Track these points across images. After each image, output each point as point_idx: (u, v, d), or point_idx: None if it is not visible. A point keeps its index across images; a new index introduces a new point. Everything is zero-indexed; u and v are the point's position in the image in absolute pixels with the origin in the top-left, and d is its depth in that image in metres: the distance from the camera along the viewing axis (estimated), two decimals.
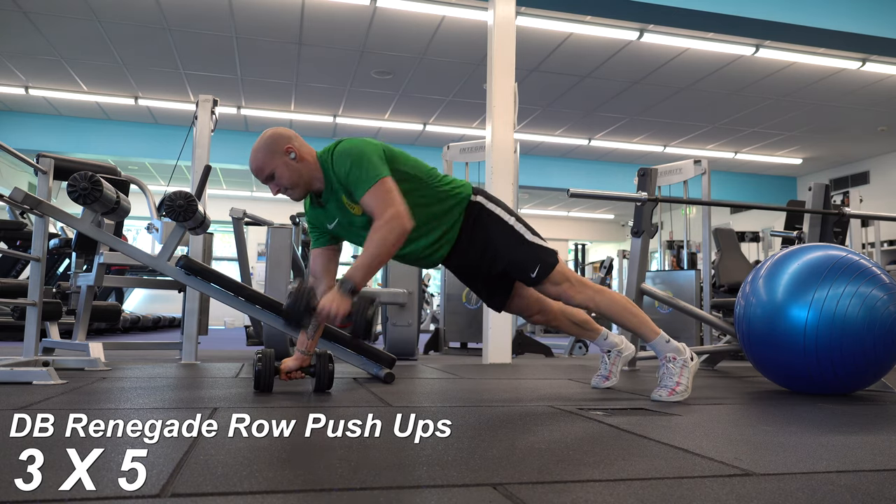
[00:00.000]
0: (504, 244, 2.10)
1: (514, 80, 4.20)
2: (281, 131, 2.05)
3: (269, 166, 1.99)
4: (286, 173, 1.99)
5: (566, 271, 2.12)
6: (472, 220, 2.11)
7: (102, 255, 3.28)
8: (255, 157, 2.01)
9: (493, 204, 2.15)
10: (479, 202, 2.13)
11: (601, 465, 1.12)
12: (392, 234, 1.87)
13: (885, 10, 5.33)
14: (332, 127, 9.48)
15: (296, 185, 2.01)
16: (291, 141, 2.02)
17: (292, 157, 1.99)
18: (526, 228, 2.13)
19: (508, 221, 2.12)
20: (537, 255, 2.09)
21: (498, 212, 2.13)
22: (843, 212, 3.36)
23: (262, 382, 1.99)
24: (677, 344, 2.12)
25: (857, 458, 1.25)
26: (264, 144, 2.01)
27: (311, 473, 1.03)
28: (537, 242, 2.11)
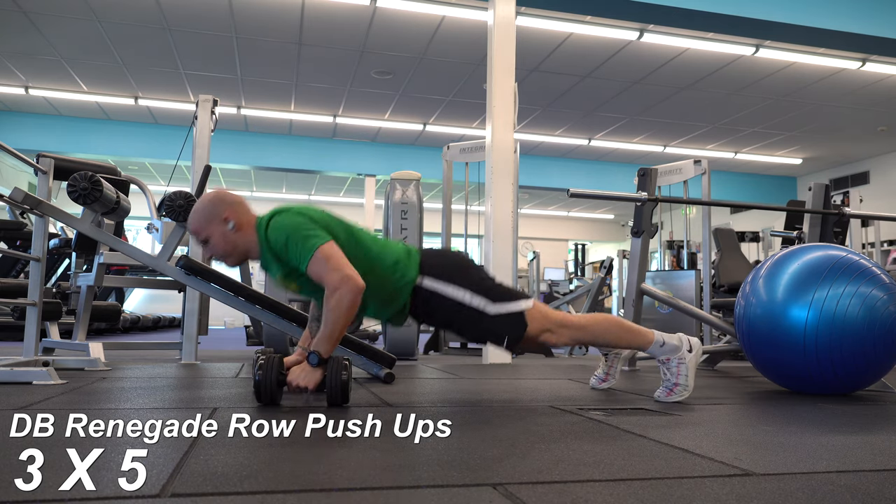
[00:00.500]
0: (463, 325, 1.96)
1: (514, 80, 4.20)
2: (223, 197, 1.94)
3: (204, 232, 1.91)
4: (220, 242, 1.91)
5: (542, 322, 1.95)
6: (421, 304, 1.96)
7: (102, 255, 3.28)
8: (192, 219, 1.93)
9: (443, 282, 1.93)
10: (425, 287, 1.94)
11: (601, 465, 1.12)
12: (344, 302, 1.76)
13: (885, 10, 5.33)
14: (332, 127, 9.49)
15: (229, 254, 1.93)
16: (233, 208, 1.91)
17: (230, 226, 1.89)
18: (485, 296, 1.91)
19: (463, 300, 1.91)
20: (501, 327, 1.92)
21: (448, 291, 1.92)
22: (843, 212, 3.35)
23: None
24: (672, 342, 2.06)
25: (857, 458, 1.25)
26: (203, 208, 1.92)
27: (311, 473, 1.03)
28: (501, 312, 1.91)
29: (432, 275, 1.95)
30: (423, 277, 1.94)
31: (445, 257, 2.05)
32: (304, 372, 1.77)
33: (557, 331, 1.97)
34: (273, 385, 1.76)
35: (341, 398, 1.75)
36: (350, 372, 1.78)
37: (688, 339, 2.08)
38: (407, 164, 9.37)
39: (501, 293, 1.95)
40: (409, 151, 10.40)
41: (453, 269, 1.98)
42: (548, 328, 1.96)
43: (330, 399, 1.76)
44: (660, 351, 2.06)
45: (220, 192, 1.97)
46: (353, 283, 1.78)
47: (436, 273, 1.95)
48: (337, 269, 1.78)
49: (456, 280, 1.94)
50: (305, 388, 1.76)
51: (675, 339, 2.07)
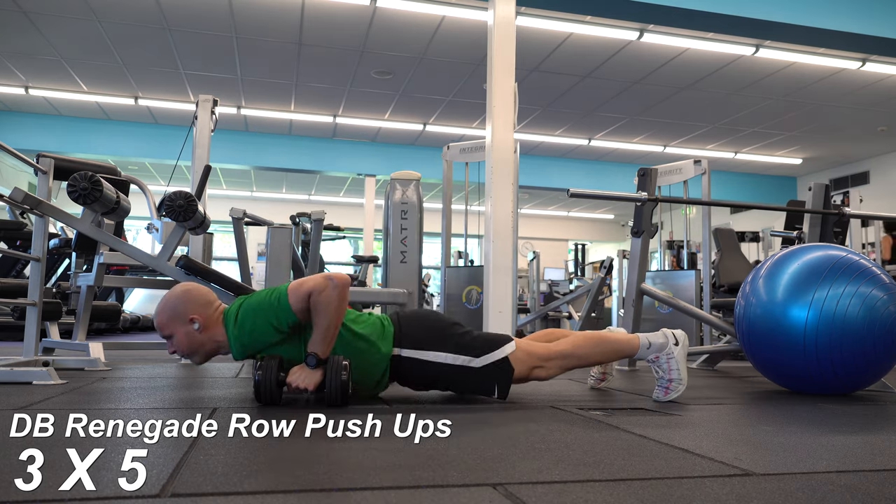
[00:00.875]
0: (451, 383, 1.97)
1: (514, 80, 4.20)
2: (193, 295, 1.90)
3: (168, 328, 1.88)
4: (184, 341, 1.87)
5: (528, 362, 1.95)
6: (405, 372, 1.95)
7: (102, 255, 3.28)
8: (159, 313, 1.89)
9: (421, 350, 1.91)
10: (404, 357, 1.92)
11: (601, 465, 1.12)
12: (332, 297, 1.76)
13: (885, 10, 5.33)
14: (332, 127, 9.49)
15: (193, 353, 1.89)
16: (202, 310, 1.87)
17: (195, 326, 1.86)
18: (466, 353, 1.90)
19: (446, 361, 1.90)
20: (488, 379, 1.92)
21: (432, 357, 1.91)
22: (843, 212, 3.36)
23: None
24: (657, 340, 2.05)
25: (857, 458, 1.25)
26: (170, 306, 1.88)
27: (311, 473, 1.03)
28: (485, 364, 1.91)
29: (409, 345, 1.92)
30: (399, 349, 1.92)
31: (419, 322, 1.99)
32: (304, 373, 1.77)
33: (545, 364, 1.98)
34: (273, 385, 1.76)
35: (340, 399, 1.75)
36: (350, 373, 1.78)
37: (672, 333, 2.07)
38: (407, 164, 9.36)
39: (482, 344, 1.94)
40: (409, 151, 10.40)
41: (429, 333, 1.95)
42: (535, 365, 1.97)
43: (329, 400, 1.76)
44: (647, 353, 2.05)
45: (189, 291, 1.92)
46: (337, 278, 1.79)
47: (412, 342, 1.93)
48: (314, 277, 1.80)
49: (434, 345, 1.92)
50: (305, 389, 1.76)
51: (660, 335, 2.06)
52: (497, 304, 3.90)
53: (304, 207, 12.45)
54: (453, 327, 1.99)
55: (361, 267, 8.08)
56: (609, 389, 2.37)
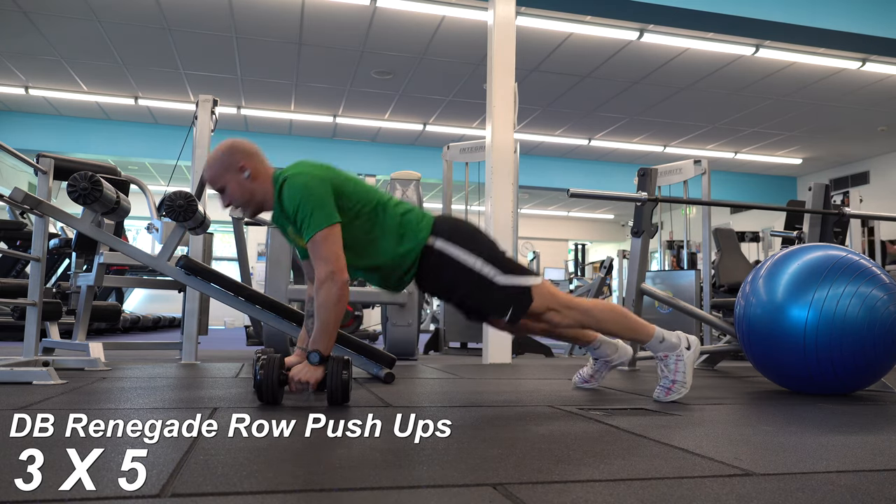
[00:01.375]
0: (469, 294, 1.94)
1: (514, 80, 4.20)
2: (239, 146, 1.94)
3: (220, 181, 1.91)
4: (237, 191, 1.91)
5: (548, 300, 1.95)
6: (429, 267, 1.94)
7: (102, 255, 3.28)
8: (209, 168, 1.93)
9: (455, 245, 1.91)
10: (437, 249, 1.92)
11: (601, 465, 1.12)
12: (331, 297, 1.77)
13: (885, 10, 5.33)
14: (332, 127, 9.49)
15: (246, 204, 1.93)
16: (249, 158, 1.91)
17: (246, 175, 1.90)
18: (495, 267, 1.90)
19: (474, 267, 1.89)
20: (507, 299, 1.91)
21: (460, 256, 1.90)
22: (843, 212, 3.36)
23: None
24: (671, 339, 2.06)
25: (857, 458, 1.25)
26: (220, 157, 1.91)
27: (311, 473, 1.03)
28: (509, 284, 1.91)
29: (445, 237, 1.93)
30: (435, 238, 1.93)
31: (459, 223, 2.03)
32: (306, 369, 1.78)
33: (562, 311, 1.97)
34: (275, 384, 1.77)
35: (342, 397, 1.76)
36: (350, 371, 1.79)
37: (686, 337, 2.08)
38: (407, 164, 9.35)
39: (512, 266, 1.94)
40: (409, 151, 10.40)
41: (466, 235, 1.96)
42: (553, 307, 1.96)
43: (330, 398, 1.77)
44: (659, 347, 2.06)
45: (236, 141, 1.96)
46: (339, 278, 1.79)
47: (448, 236, 1.93)
48: (327, 260, 1.79)
49: (468, 246, 1.92)
50: (307, 386, 1.76)
51: (675, 336, 2.08)
52: None
53: None
54: (488, 240, 2.00)
55: None
56: (609, 390, 2.37)
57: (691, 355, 2.06)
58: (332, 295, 1.78)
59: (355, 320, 5.09)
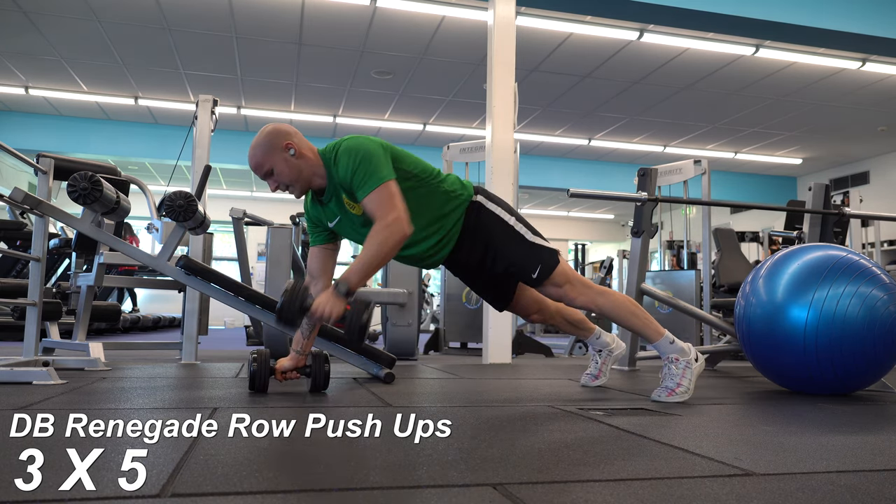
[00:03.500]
0: (505, 245, 2.08)
1: (514, 80, 4.20)
2: (280, 127, 2.02)
3: (268, 163, 1.97)
4: (286, 170, 1.97)
5: (568, 272, 2.10)
6: (472, 221, 2.10)
7: (102, 255, 3.28)
8: (253, 154, 1.99)
9: (494, 204, 2.13)
10: (479, 202, 2.12)
11: (601, 465, 1.12)
12: (391, 239, 1.85)
13: (885, 10, 5.33)
14: (332, 127, 9.48)
15: (295, 181, 1.99)
16: (291, 137, 1.99)
17: (292, 153, 1.97)
18: (527, 228, 2.12)
19: (509, 222, 2.10)
20: (538, 255, 2.07)
21: (498, 212, 2.11)
22: (843, 212, 3.36)
23: (258, 382, 1.99)
24: (682, 344, 2.10)
25: (857, 458, 1.25)
26: (263, 140, 1.98)
27: (311, 473, 1.03)
28: (538, 243, 2.10)
29: (485, 196, 2.15)
30: (478, 195, 2.14)
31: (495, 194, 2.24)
32: (330, 300, 1.83)
33: (578, 286, 2.10)
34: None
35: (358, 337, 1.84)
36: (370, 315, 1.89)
37: (695, 350, 2.14)
38: None
39: (539, 234, 2.14)
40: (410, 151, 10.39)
41: (501, 200, 2.18)
42: (571, 282, 2.09)
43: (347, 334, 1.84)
44: (669, 348, 2.08)
45: (276, 125, 2.03)
46: (404, 225, 1.88)
47: (488, 196, 2.16)
48: (394, 209, 1.88)
49: (504, 206, 2.14)
50: (328, 320, 1.83)
51: (686, 345, 2.13)
52: None
53: None
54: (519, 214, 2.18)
55: None
56: (609, 389, 2.37)
57: (698, 367, 2.11)
58: (392, 239, 1.85)
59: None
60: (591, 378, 2.41)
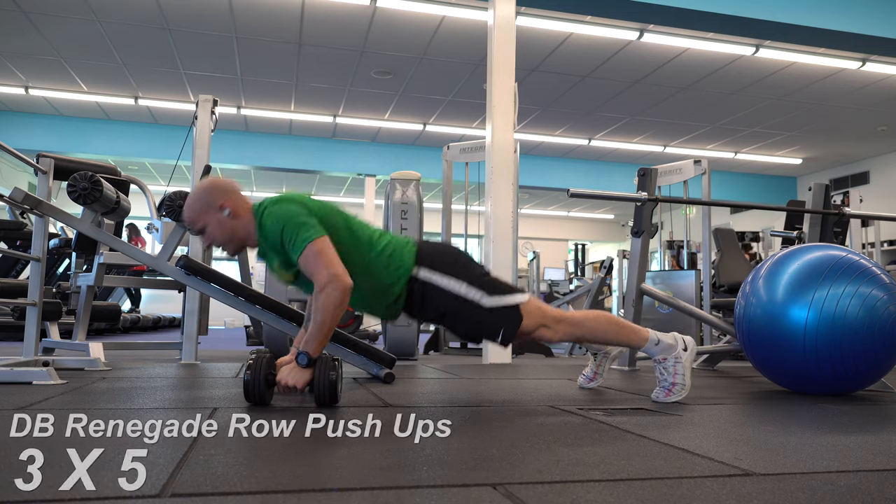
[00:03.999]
0: (460, 316, 1.93)
1: (514, 80, 4.20)
2: (218, 184, 1.93)
3: (200, 221, 1.90)
4: (217, 231, 1.90)
5: (537, 317, 1.94)
6: (417, 297, 1.94)
7: (102, 255, 3.28)
8: (188, 208, 1.91)
9: (440, 274, 1.92)
10: (421, 279, 1.92)
11: (601, 465, 1.12)
12: (331, 300, 1.75)
13: (885, 10, 5.33)
14: (332, 127, 9.49)
15: (228, 242, 1.92)
16: (228, 196, 1.90)
17: (227, 213, 1.89)
18: (482, 290, 1.90)
19: (460, 292, 1.90)
20: (499, 320, 1.90)
21: (446, 284, 1.91)
22: (843, 212, 3.36)
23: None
24: (667, 341, 2.05)
25: (857, 458, 1.25)
26: (199, 196, 1.91)
27: (311, 473, 1.03)
28: (498, 305, 1.90)
29: (429, 266, 1.94)
30: (419, 268, 1.93)
31: (442, 250, 2.04)
32: (294, 371, 1.77)
33: (553, 326, 1.96)
34: (262, 385, 1.76)
35: (329, 398, 1.75)
36: (339, 371, 1.78)
37: (682, 338, 2.07)
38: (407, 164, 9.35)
39: (498, 287, 1.94)
40: (409, 151, 10.40)
41: (450, 261, 1.97)
42: (544, 323, 1.95)
43: (318, 399, 1.76)
44: (655, 349, 2.05)
45: (214, 180, 1.95)
46: (341, 282, 1.77)
47: (432, 264, 1.94)
48: (326, 266, 1.77)
49: (452, 272, 1.93)
50: (294, 388, 1.75)
51: (670, 338, 2.06)
52: None
53: None
54: (473, 263, 2.00)
55: None
56: (609, 389, 2.37)
57: (688, 356, 2.05)
58: (334, 298, 1.76)
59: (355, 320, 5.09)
60: (587, 380, 2.41)
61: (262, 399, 1.78)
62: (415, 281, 1.93)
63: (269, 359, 1.80)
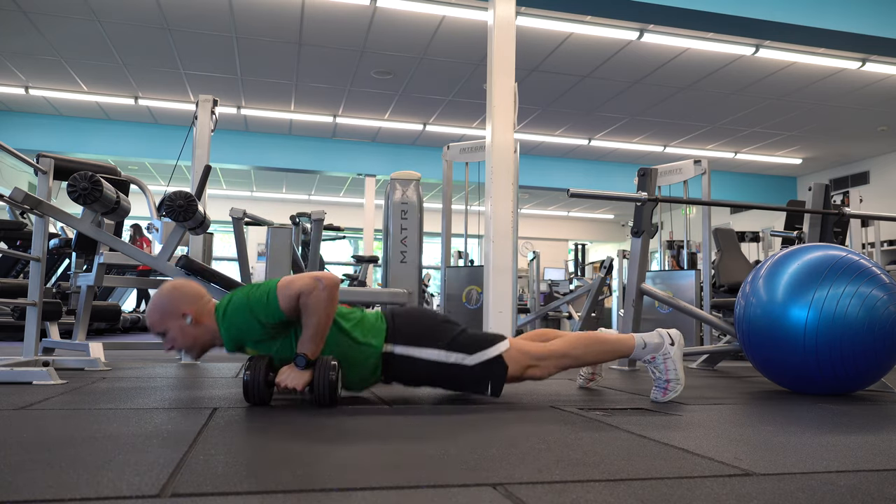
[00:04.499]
0: (443, 380, 1.94)
1: (514, 80, 4.20)
2: (182, 291, 1.91)
3: (162, 326, 1.89)
4: (179, 337, 1.88)
5: (523, 361, 1.94)
6: (396, 369, 1.93)
7: (102, 255, 3.28)
8: (150, 312, 1.90)
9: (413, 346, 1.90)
10: (397, 354, 1.90)
11: (601, 465, 1.12)
12: (322, 297, 1.75)
13: (885, 10, 5.33)
14: (332, 127, 9.49)
15: (191, 348, 1.91)
16: (192, 305, 1.88)
17: (188, 321, 1.87)
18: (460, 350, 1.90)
19: (439, 359, 1.89)
20: (482, 377, 1.90)
21: (423, 354, 1.89)
22: (843, 212, 3.36)
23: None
24: (653, 340, 2.04)
25: (857, 458, 1.25)
26: (161, 302, 1.89)
27: (311, 473, 1.03)
28: (478, 361, 1.89)
29: (401, 342, 1.91)
30: (392, 346, 1.90)
31: (412, 319, 1.98)
32: (293, 373, 1.76)
33: (540, 364, 1.96)
34: (262, 385, 1.77)
35: (329, 399, 1.75)
36: (339, 372, 1.78)
37: (667, 333, 2.06)
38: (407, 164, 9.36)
39: (477, 341, 1.93)
40: (409, 151, 10.40)
41: (422, 330, 1.94)
42: (529, 364, 1.95)
43: (317, 400, 1.76)
44: (643, 352, 2.05)
45: (177, 286, 1.92)
46: (327, 279, 1.77)
47: (404, 339, 1.91)
48: (302, 278, 1.78)
49: (427, 342, 1.91)
50: (294, 390, 1.75)
51: (655, 336, 2.05)
52: (497, 304, 3.90)
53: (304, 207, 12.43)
54: (447, 325, 1.97)
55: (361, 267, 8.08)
56: (609, 389, 2.37)
57: (677, 350, 2.04)
58: (322, 297, 1.75)
59: None
60: (585, 380, 2.41)
61: (263, 399, 1.78)
62: (391, 356, 1.90)
63: (268, 359, 1.80)
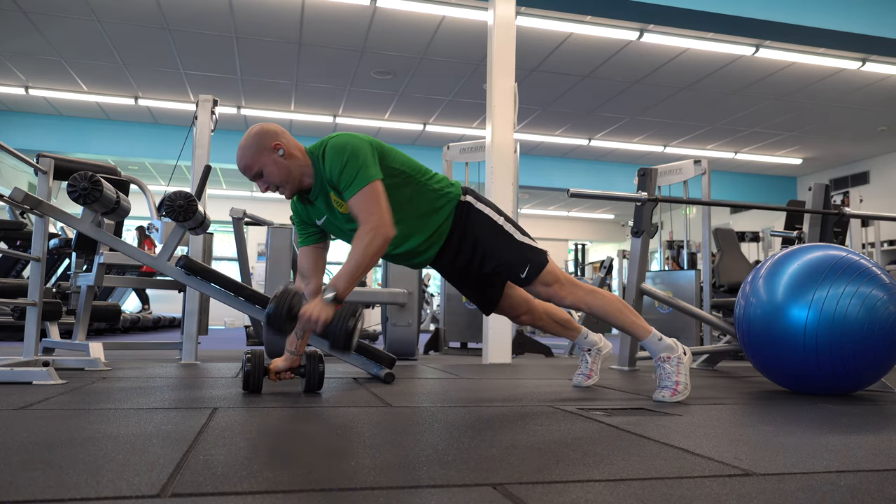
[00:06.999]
0: (493, 245, 2.09)
1: (514, 80, 4.20)
2: (268, 127, 1.99)
3: (257, 164, 1.94)
4: (275, 171, 1.95)
5: (557, 272, 2.10)
6: (461, 221, 2.10)
7: (102, 255, 3.28)
8: (241, 155, 1.96)
9: (483, 204, 2.14)
10: (468, 202, 2.12)
11: (601, 465, 1.12)
12: (374, 243, 1.83)
13: (885, 10, 5.33)
14: (332, 127, 9.49)
15: (286, 182, 1.97)
16: (280, 137, 1.96)
17: (280, 153, 1.94)
18: (515, 228, 2.13)
19: (497, 222, 2.11)
20: (527, 255, 2.08)
21: (487, 212, 2.12)
22: (843, 212, 3.36)
23: (251, 383, 2.00)
24: (668, 341, 2.11)
25: (857, 458, 1.25)
26: (252, 142, 1.95)
27: (311, 473, 1.03)
28: (527, 242, 2.11)
29: (473, 196, 2.15)
30: (466, 195, 2.14)
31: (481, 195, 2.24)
32: (319, 305, 1.80)
33: (567, 286, 2.11)
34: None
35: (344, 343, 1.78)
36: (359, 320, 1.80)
37: (681, 345, 2.15)
38: None
39: (528, 234, 2.16)
40: (409, 151, 10.32)
41: (490, 201, 2.19)
42: (559, 280, 2.10)
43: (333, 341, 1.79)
44: (658, 346, 2.09)
45: (263, 125, 2.00)
46: (387, 230, 1.86)
47: (477, 196, 2.16)
48: (377, 212, 1.86)
49: (493, 207, 2.15)
50: (316, 324, 1.77)
51: (672, 341, 2.13)
52: None
53: None
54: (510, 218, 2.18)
55: None
56: (609, 389, 2.37)
57: (688, 361, 2.13)
58: (374, 244, 1.83)
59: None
60: (583, 378, 2.42)
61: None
62: (463, 204, 2.10)
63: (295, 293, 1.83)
